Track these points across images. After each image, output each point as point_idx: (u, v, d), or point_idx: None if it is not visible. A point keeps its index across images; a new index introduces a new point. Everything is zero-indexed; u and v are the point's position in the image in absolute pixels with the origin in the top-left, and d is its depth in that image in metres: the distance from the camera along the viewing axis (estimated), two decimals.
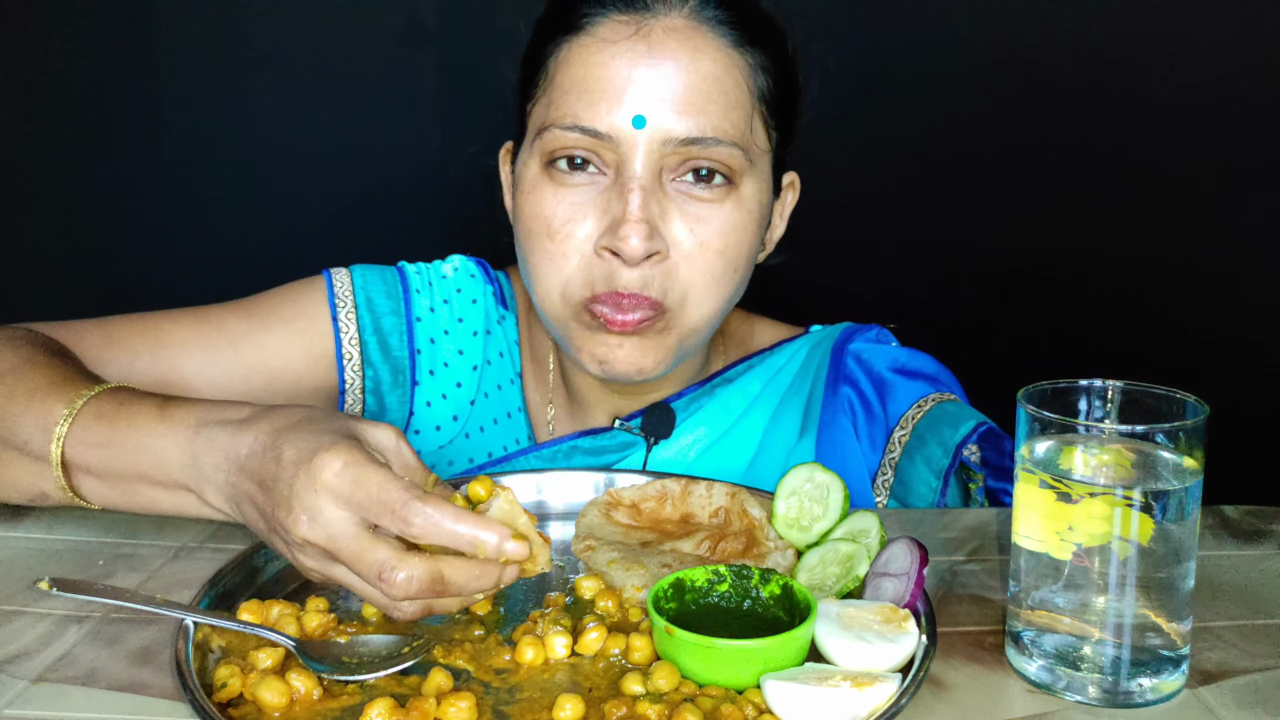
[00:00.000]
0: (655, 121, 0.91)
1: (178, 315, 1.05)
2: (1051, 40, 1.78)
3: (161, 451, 0.77)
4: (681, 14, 0.93)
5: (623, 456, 1.07)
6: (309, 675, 0.66)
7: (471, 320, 1.13)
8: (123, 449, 0.78)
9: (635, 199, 0.91)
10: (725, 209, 0.95)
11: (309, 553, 0.70)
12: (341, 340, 1.08)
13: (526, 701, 0.66)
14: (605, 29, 0.92)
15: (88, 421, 0.80)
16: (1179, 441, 0.67)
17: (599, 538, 0.84)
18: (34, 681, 0.68)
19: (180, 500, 0.78)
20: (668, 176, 0.93)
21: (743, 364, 1.12)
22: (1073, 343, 1.83)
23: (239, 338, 1.04)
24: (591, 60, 0.92)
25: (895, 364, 1.09)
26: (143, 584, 0.81)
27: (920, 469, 1.03)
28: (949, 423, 1.03)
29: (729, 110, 0.93)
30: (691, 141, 0.92)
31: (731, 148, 0.93)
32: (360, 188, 1.82)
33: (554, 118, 0.93)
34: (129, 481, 0.79)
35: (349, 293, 1.09)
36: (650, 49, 0.91)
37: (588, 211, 0.94)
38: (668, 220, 0.93)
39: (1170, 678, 0.68)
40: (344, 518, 0.67)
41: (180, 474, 0.76)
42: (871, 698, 0.63)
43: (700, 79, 0.91)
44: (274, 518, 0.70)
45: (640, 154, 0.91)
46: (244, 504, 0.73)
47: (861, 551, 0.78)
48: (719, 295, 0.97)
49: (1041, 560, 0.69)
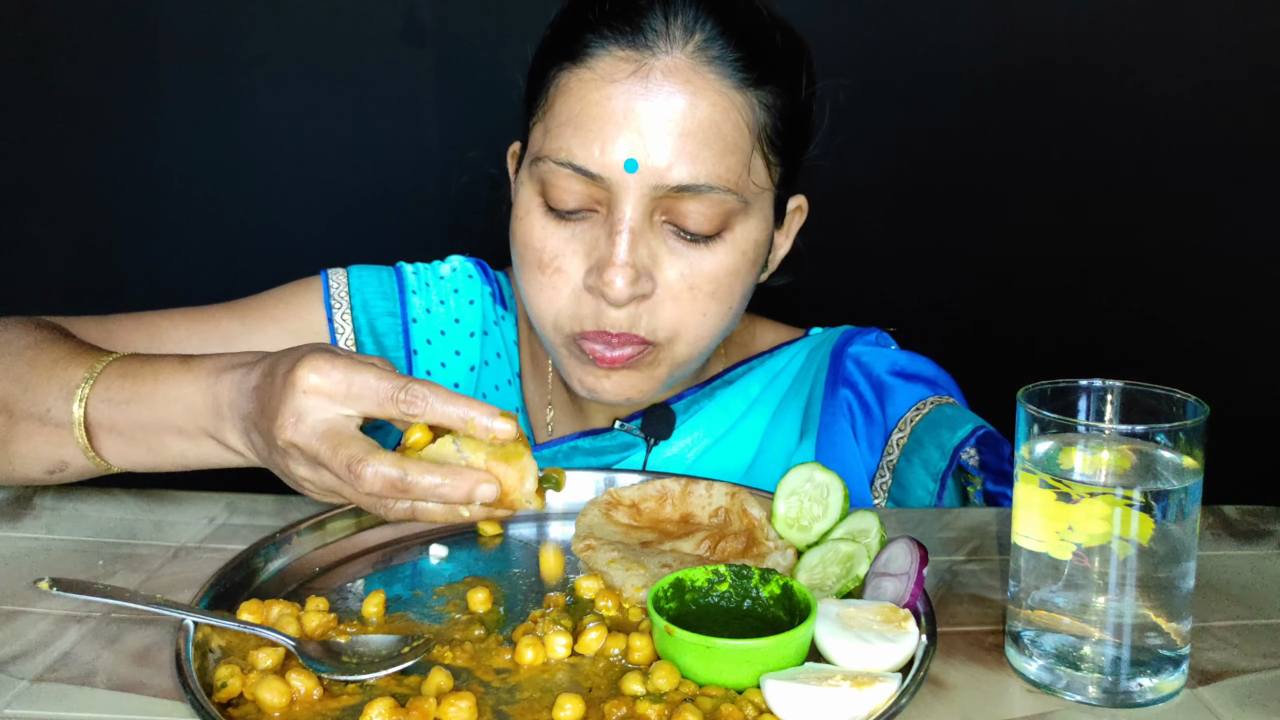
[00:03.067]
0: (648, 165, 0.89)
1: (174, 315, 1.06)
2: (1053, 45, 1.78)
3: (186, 399, 0.80)
4: (684, 52, 0.90)
5: (623, 457, 1.07)
6: (309, 675, 0.67)
7: (469, 321, 1.13)
8: (148, 402, 0.81)
9: (622, 242, 0.89)
10: (717, 253, 0.93)
11: (296, 458, 0.72)
12: (337, 341, 1.08)
13: (526, 701, 0.66)
14: (606, 64, 0.90)
15: (110, 380, 0.83)
16: (1179, 441, 0.67)
17: (599, 537, 0.84)
18: (34, 681, 0.68)
19: (203, 448, 0.81)
20: (659, 218, 0.92)
21: (742, 366, 1.12)
22: (1072, 344, 1.83)
23: (233, 338, 1.05)
24: (589, 97, 0.90)
25: (894, 367, 1.09)
26: (143, 584, 0.81)
27: (918, 472, 1.03)
28: (947, 426, 1.03)
29: (725, 155, 0.90)
30: (684, 188, 0.89)
31: (727, 194, 0.91)
32: (359, 187, 1.82)
33: (549, 149, 0.92)
34: (153, 434, 0.82)
35: (344, 293, 1.10)
36: (648, 90, 0.88)
37: (577, 247, 0.93)
38: (658, 261, 0.92)
39: (1170, 678, 0.68)
40: (324, 418, 0.71)
41: (203, 419, 0.79)
42: (871, 698, 0.63)
43: (697, 125, 0.89)
44: (270, 434, 0.73)
45: (631, 197, 0.89)
46: (252, 434, 0.76)
47: (861, 551, 0.78)
48: (711, 332, 0.97)
49: (1041, 560, 0.69)
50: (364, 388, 0.71)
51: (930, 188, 1.79)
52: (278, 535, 0.83)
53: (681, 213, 0.91)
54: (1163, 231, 1.80)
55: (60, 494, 0.95)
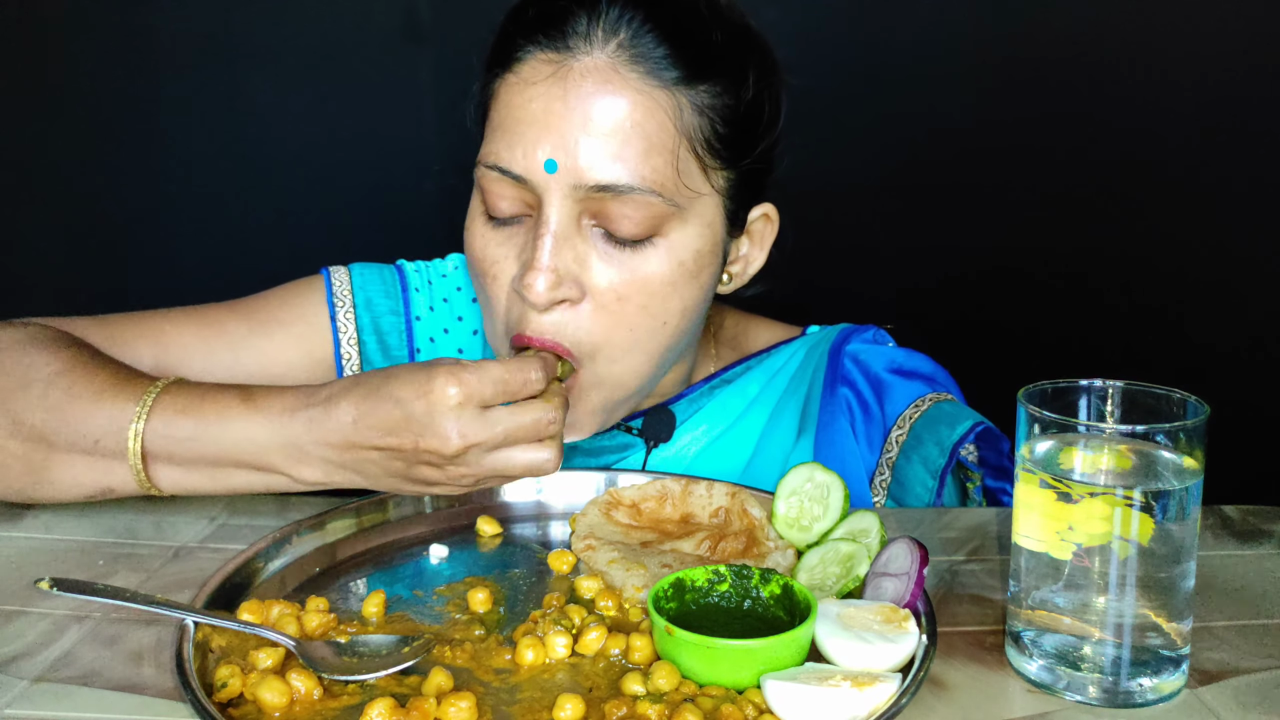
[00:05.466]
0: (566, 165, 0.87)
1: (177, 317, 1.05)
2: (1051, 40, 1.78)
3: (256, 439, 0.81)
4: (605, 52, 0.88)
5: (622, 457, 1.07)
6: (309, 675, 0.67)
7: (471, 319, 1.13)
8: (213, 439, 0.82)
9: (545, 245, 0.88)
10: (649, 260, 0.90)
11: (469, 458, 0.77)
12: (340, 341, 1.08)
13: (526, 701, 0.66)
14: (529, 68, 0.90)
15: (168, 415, 0.83)
16: (1179, 441, 0.67)
17: (599, 537, 0.84)
18: (34, 681, 0.68)
19: (269, 479, 0.83)
20: (587, 222, 0.90)
21: (740, 365, 1.11)
22: (1072, 344, 1.83)
23: (238, 343, 1.05)
24: (514, 100, 0.90)
25: (892, 364, 1.09)
26: (143, 584, 0.81)
27: (917, 468, 1.03)
28: (946, 422, 1.02)
29: (649, 155, 0.88)
30: (604, 188, 0.88)
31: (652, 196, 0.89)
32: (359, 186, 1.82)
33: (483, 154, 0.92)
34: (217, 468, 0.83)
35: (347, 292, 1.10)
36: (565, 92, 0.88)
37: (509, 251, 0.93)
38: (586, 267, 0.90)
39: (1170, 678, 0.68)
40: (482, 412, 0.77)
41: (276, 457, 0.81)
42: (871, 698, 0.63)
43: (616, 124, 0.87)
44: (418, 451, 0.77)
45: (554, 199, 0.88)
46: (362, 466, 0.79)
47: (861, 551, 0.78)
48: (644, 350, 0.93)
49: (1041, 560, 0.69)
50: (508, 382, 0.77)
51: (929, 185, 1.79)
52: (278, 535, 0.83)
53: (609, 215, 0.89)
54: (1163, 230, 1.80)
55: None
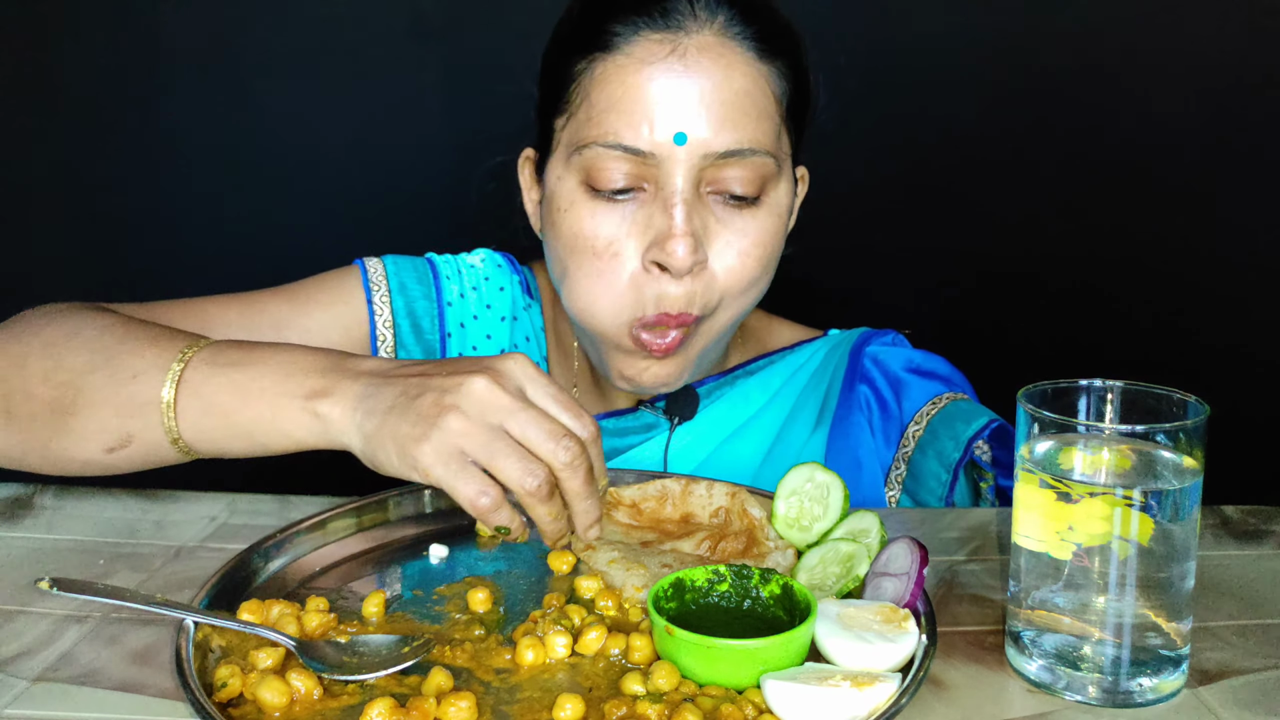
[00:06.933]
0: (695, 137, 0.93)
1: (220, 300, 1.07)
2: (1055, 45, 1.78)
3: (299, 358, 0.80)
4: (712, 31, 0.95)
5: (646, 438, 1.09)
6: (309, 675, 0.67)
7: (499, 306, 1.16)
8: (257, 364, 0.81)
9: (679, 213, 0.94)
10: (759, 217, 0.98)
11: (492, 401, 0.74)
12: (376, 324, 1.11)
13: (526, 701, 0.66)
14: (640, 48, 0.94)
15: (223, 347, 0.83)
16: (1179, 441, 0.67)
17: (599, 537, 0.84)
18: (34, 681, 0.68)
19: (288, 417, 0.79)
20: (705, 189, 0.96)
21: (763, 359, 1.15)
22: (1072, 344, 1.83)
23: (282, 322, 1.07)
24: (630, 80, 0.94)
25: (910, 364, 1.13)
26: (143, 584, 0.81)
27: (931, 462, 1.05)
28: (962, 418, 1.06)
29: (760, 121, 0.96)
30: (730, 154, 0.94)
31: (766, 157, 0.96)
32: (366, 185, 1.82)
33: (595, 135, 0.95)
34: (241, 399, 0.80)
35: (382, 278, 1.13)
36: (686, 68, 0.93)
37: (631, 228, 0.96)
38: (708, 233, 0.96)
39: (1170, 678, 0.68)
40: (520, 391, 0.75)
41: (315, 379, 0.79)
42: (871, 698, 0.63)
43: (733, 94, 0.94)
44: (446, 381, 0.74)
45: (682, 169, 0.94)
46: (383, 393, 0.76)
47: (861, 551, 0.78)
48: (749, 299, 1.01)
49: (1041, 560, 0.69)
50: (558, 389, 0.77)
51: (931, 187, 1.80)
52: (278, 535, 0.83)
53: (725, 179, 0.95)
54: (1164, 231, 1.80)
55: (60, 494, 0.95)
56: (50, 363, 0.86)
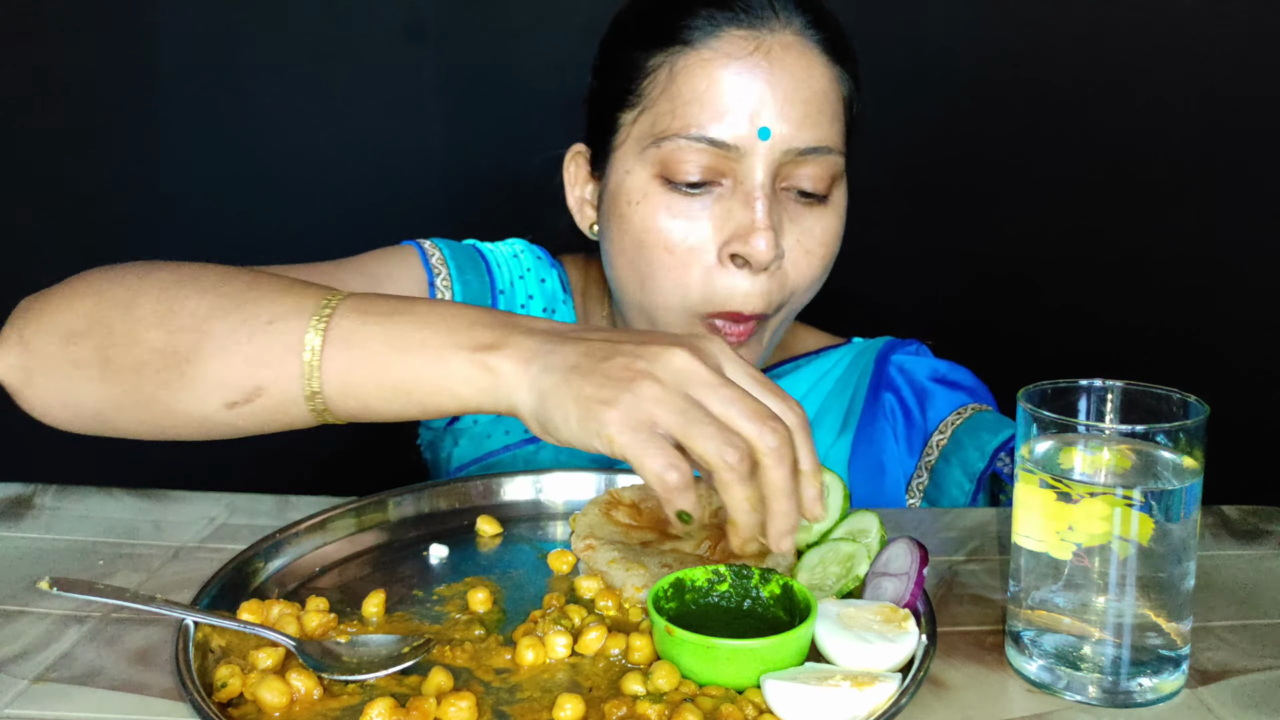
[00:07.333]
0: (777, 132, 0.95)
1: (297, 269, 1.01)
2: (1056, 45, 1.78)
3: (469, 314, 0.73)
4: (793, 30, 0.97)
5: None
6: (309, 675, 0.66)
7: (540, 298, 1.16)
8: (413, 315, 0.73)
9: (761, 206, 0.95)
10: (826, 216, 1.00)
11: (692, 373, 0.67)
12: None
13: (526, 701, 0.66)
14: (726, 44, 0.96)
15: (369, 298, 0.75)
16: (1179, 441, 0.67)
17: (599, 537, 0.84)
18: (34, 681, 0.68)
19: (447, 370, 0.71)
20: (780, 185, 0.97)
21: (789, 363, 1.16)
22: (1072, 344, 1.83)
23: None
24: (715, 74, 0.95)
25: (936, 374, 1.14)
26: (143, 584, 0.81)
27: (955, 471, 1.07)
28: (988, 429, 1.07)
29: (834, 121, 0.98)
30: (809, 151, 0.96)
31: (838, 156, 0.99)
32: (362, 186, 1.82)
33: (677, 127, 0.96)
34: (396, 349, 0.72)
35: (441, 261, 1.12)
36: (771, 65, 0.95)
37: (706, 222, 0.97)
38: (782, 225, 0.97)
39: (1170, 678, 0.68)
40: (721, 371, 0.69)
41: (479, 331, 0.72)
42: (871, 698, 0.63)
43: (813, 93, 0.96)
44: (639, 349, 0.68)
45: (763, 164, 0.95)
46: (563, 351, 0.69)
47: (861, 551, 0.78)
48: (808, 299, 1.03)
49: (1041, 560, 0.69)
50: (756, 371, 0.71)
51: (931, 188, 1.80)
52: (278, 535, 0.83)
53: (799, 176, 0.97)
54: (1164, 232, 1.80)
55: (60, 494, 0.95)
56: (165, 306, 0.77)
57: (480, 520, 0.89)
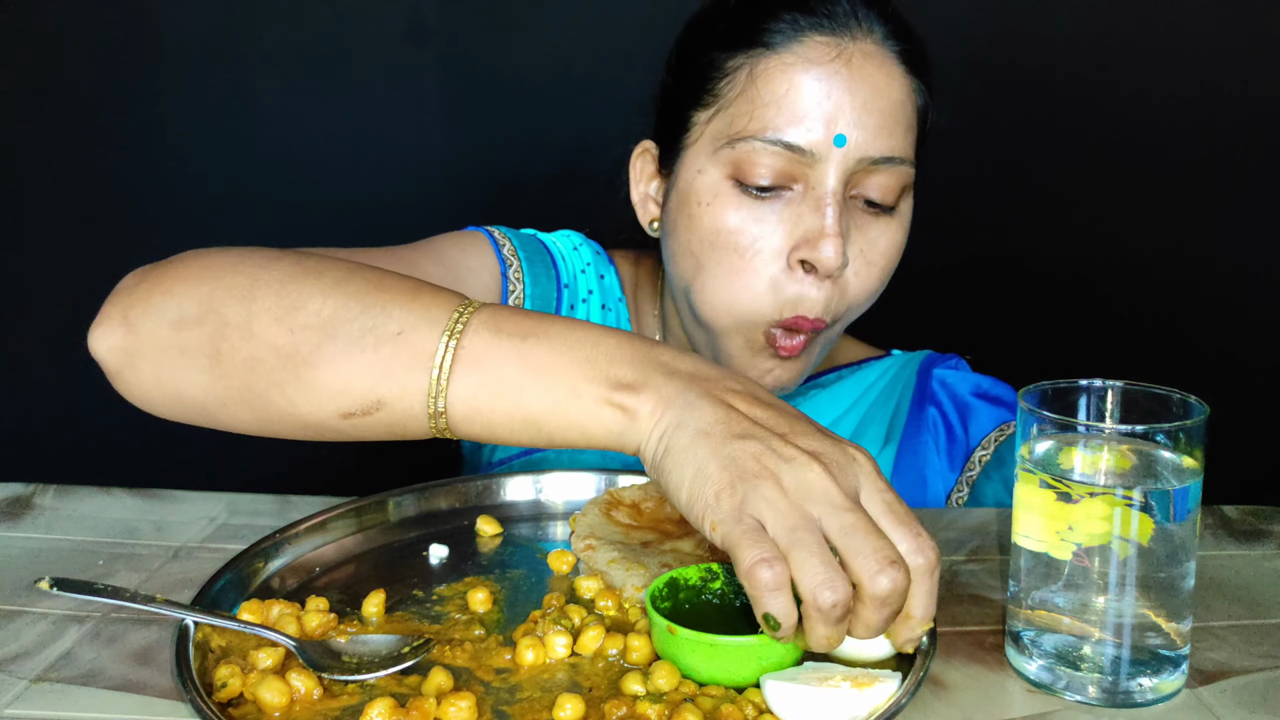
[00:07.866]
0: (855, 140, 0.95)
1: (374, 253, 0.99)
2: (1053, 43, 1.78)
3: (609, 345, 0.69)
4: (874, 39, 0.97)
5: None
6: (309, 675, 0.67)
7: (599, 294, 1.16)
8: (551, 338, 0.70)
9: (831, 212, 0.95)
10: (891, 228, 1.00)
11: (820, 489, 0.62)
12: (508, 300, 1.09)
13: (526, 701, 0.66)
14: (807, 49, 0.95)
15: (502, 312, 0.71)
16: (1179, 441, 0.67)
17: (599, 537, 0.84)
18: (34, 681, 0.68)
19: (580, 409, 0.68)
20: (849, 193, 0.97)
21: (833, 374, 1.16)
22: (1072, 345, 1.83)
23: (431, 279, 0.98)
24: (795, 78, 0.95)
25: (978, 389, 1.14)
26: (143, 584, 0.81)
27: (996, 486, 1.06)
28: None
29: (908, 133, 0.98)
30: (882, 160, 0.96)
31: (910, 167, 0.99)
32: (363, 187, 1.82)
33: (754, 129, 0.95)
34: (531, 380, 0.69)
35: (513, 252, 1.11)
36: (851, 73, 0.95)
37: (776, 226, 0.96)
38: (849, 234, 0.97)
39: (1170, 678, 0.68)
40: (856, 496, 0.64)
41: (624, 369, 0.68)
42: (871, 698, 0.63)
43: (890, 103, 0.96)
44: (777, 443, 0.64)
45: (836, 170, 0.95)
46: (717, 398, 0.67)
47: None
48: (864, 309, 1.03)
49: (1041, 560, 0.69)
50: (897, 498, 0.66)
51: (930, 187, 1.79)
52: (278, 535, 0.83)
53: (869, 185, 0.97)
54: (1164, 232, 1.80)
55: (60, 494, 0.95)
56: (288, 301, 0.72)
57: (480, 520, 0.89)
